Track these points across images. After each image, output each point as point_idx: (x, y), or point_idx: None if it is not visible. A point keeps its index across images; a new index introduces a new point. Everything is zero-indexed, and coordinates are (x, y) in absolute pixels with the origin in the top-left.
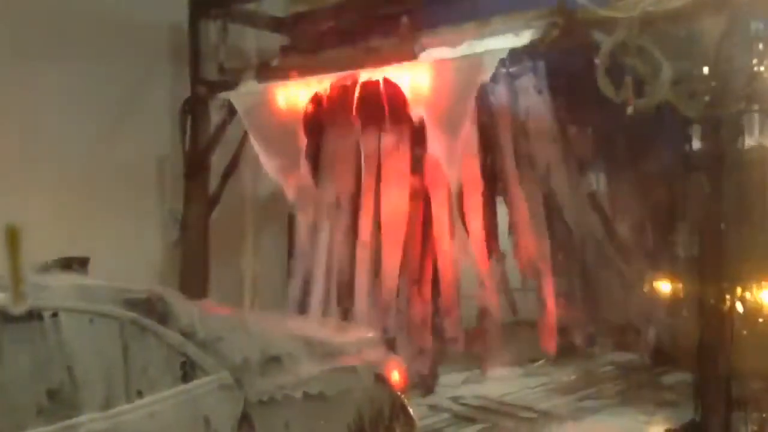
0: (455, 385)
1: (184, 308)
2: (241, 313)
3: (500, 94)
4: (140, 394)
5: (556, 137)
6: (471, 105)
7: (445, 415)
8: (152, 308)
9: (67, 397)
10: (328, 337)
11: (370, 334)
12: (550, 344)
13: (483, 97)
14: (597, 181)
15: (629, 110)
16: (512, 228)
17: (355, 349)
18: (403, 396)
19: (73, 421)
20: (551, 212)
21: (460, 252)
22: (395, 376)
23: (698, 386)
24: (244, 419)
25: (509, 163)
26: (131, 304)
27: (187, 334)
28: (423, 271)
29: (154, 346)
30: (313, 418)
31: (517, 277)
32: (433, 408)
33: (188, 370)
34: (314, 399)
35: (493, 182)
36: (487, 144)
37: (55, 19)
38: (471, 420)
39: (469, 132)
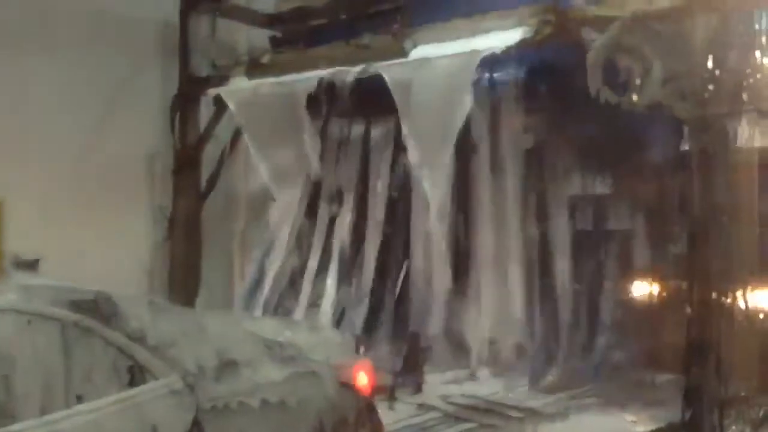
0: (444, 384)
1: (134, 310)
2: (198, 314)
3: (481, 101)
4: (82, 399)
5: (534, 145)
6: (463, 105)
7: (434, 414)
8: (98, 310)
9: (0, 404)
10: (290, 338)
11: (336, 334)
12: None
13: None
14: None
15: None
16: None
17: (318, 352)
18: (370, 399)
19: (6, 429)
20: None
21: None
22: (362, 379)
23: (687, 386)
24: (195, 427)
25: (482, 173)
26: (75, 305)
27: (137, 338)
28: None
29: (98, 349)
30: (269, 427)
31: None
32: (422, 407)
33: (136, 375)
34: (272, 407)
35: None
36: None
37: (45, 13)
38: (460, 419)
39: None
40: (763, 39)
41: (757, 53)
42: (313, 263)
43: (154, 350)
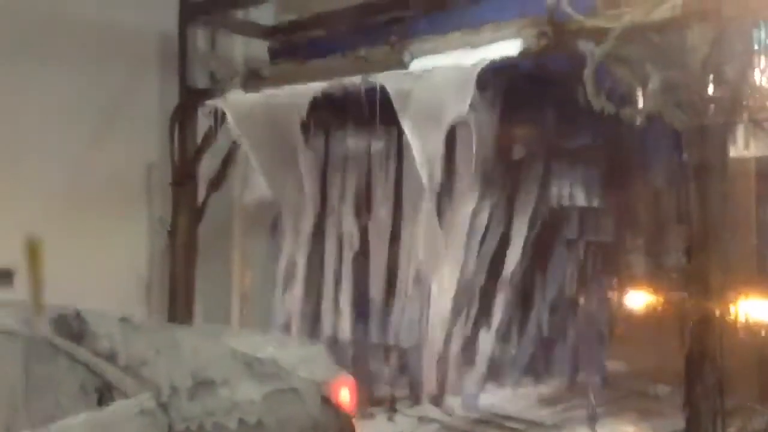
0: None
1: (104, 327)
2: (173, 330)
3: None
4: (48, 420)
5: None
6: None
7: (434, 426)
8: (66, 326)
9: None
10: (270, 354)
11: (320, 349)
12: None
13: None
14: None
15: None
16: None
17: (300, 367)
18: (352, 417)
19: None
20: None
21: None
22: (345, 396)
23: (688, 396)
24: None
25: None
26: (41, 321)
27: (106, 356)
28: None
29: (65, 367)
30: None
31: None
32: (422, 419)
33: (105, 394)
34: (250, 427)
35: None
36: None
37: (43, 25)
38: (461, 431)
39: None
40: (761, 50)
41: (755, 64)
42: (328, 283)
43: (124, 368)
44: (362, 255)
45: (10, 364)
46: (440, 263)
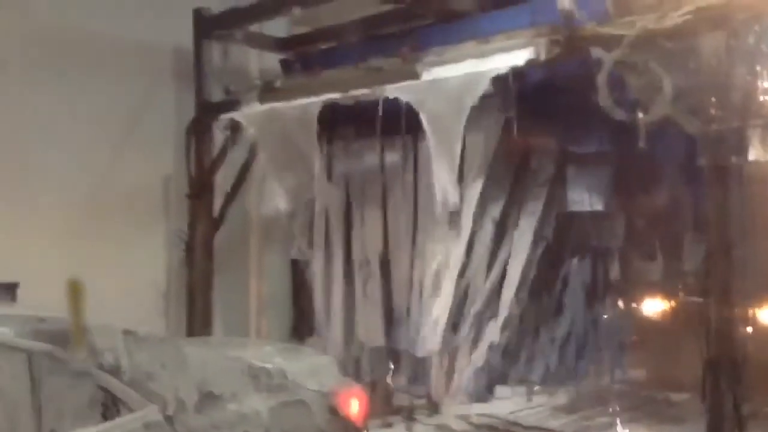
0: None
1: (108, 340)
2: (180, 343)
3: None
4: None
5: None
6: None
7: None
8: (69, 339)
9: None
10: (278, 365)
11: (329, 360)
12: None
13: None
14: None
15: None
16: None
17: (308, 378)
18: (362, 428)
19: None
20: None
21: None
22: (354, 407)
23: (708, 403)
24: None
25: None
26: (44, 334)
27: (111, 369)
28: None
29: (69, 380)
30: None
31: None
32: (440, 428)
33: (110, 408)
34: None
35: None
36: None
37: (60, 40)
38: None
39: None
40: None
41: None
42: (359, 294)
43: (129, 382)
44: (385, 266)
45: (14, 378)
46: (447, 272)
